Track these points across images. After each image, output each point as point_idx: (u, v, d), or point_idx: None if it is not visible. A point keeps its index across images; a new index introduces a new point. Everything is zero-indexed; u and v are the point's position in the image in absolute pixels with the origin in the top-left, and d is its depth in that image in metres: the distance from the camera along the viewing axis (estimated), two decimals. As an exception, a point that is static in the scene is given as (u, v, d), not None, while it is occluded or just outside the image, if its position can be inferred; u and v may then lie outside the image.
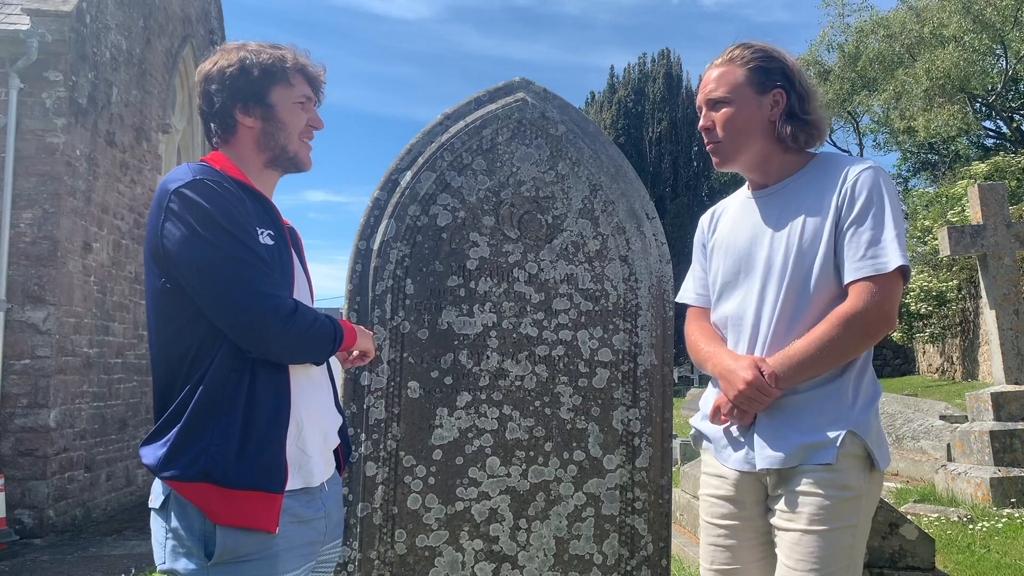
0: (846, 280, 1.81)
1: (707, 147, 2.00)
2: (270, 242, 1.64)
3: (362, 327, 1.90)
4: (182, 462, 1.54)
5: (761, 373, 1.81)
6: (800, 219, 1.88)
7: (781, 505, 1.82)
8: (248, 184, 1.70)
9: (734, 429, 1.91)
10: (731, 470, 1.92)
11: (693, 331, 2.09)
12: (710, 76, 1.99)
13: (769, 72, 1.93)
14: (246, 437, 1.56)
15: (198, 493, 1.53)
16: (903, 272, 1.80)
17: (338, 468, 1.89)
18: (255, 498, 1.55)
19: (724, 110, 1.94)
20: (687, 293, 2.18)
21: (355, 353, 1.84)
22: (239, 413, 1.56)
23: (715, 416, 1.93)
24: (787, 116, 1.92)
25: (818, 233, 1.85)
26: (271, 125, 1.75)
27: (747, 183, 2.08)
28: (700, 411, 2.06)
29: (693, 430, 2.11)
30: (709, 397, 2.02)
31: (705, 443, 2.03)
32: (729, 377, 1.86)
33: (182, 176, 1.62)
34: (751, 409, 1.84)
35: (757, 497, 1.89)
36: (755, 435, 1.86)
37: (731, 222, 2.05)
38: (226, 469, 1.53)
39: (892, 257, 1.77)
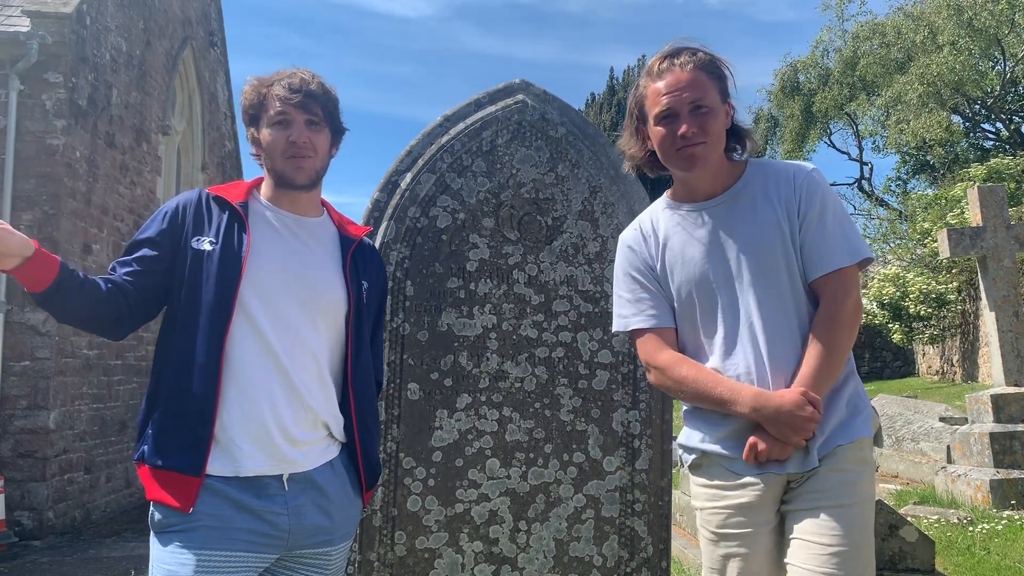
0: (819, 274, 1.89)
1: (685, 150, 1.92)
2: (206, 247, 1.84)
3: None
4: (136, 449, 1.83)
5: (811, 403, 1.82)
6: (764, 226, 1.93)
7: (807, 487, 1.85)
8: (227, 200, 1.90)
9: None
10: (757, 477, 1.88)
11: (676, 364, 1.95)
12: (681, 79, 1.92)
13: (726, 85, 1.99)
14: (170, 426, 1.77)
15: (141, 473, 1.81)
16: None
17: (361, 482, 1.96)
18: (172, 478, 1.75)
19: (709, 118, 1.93)
20: (635, 319, 2.01)
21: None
22: (167, 406, 1.78)
23: (752, 454, 1.86)
24: (734, 126, 1.99)
25: (783, 239, 1.92)
26: (262, 151, 1.94)
27: (669, 195, 2.04)
28: (697, 433, 1.98)
29: (691, 456, 2.01)
30: (693, 425, 1.99)
31: (716, 459, 1.95)
32: (787, 420, 1.81)
33: None
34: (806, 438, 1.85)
35: (776, 495, 1.89)
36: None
37: (682, 237, 2.00)
38: (152, 453, 1.77)
39: (860, 247, 1.92)
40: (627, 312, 2.04)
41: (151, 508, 1.81)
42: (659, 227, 2.05)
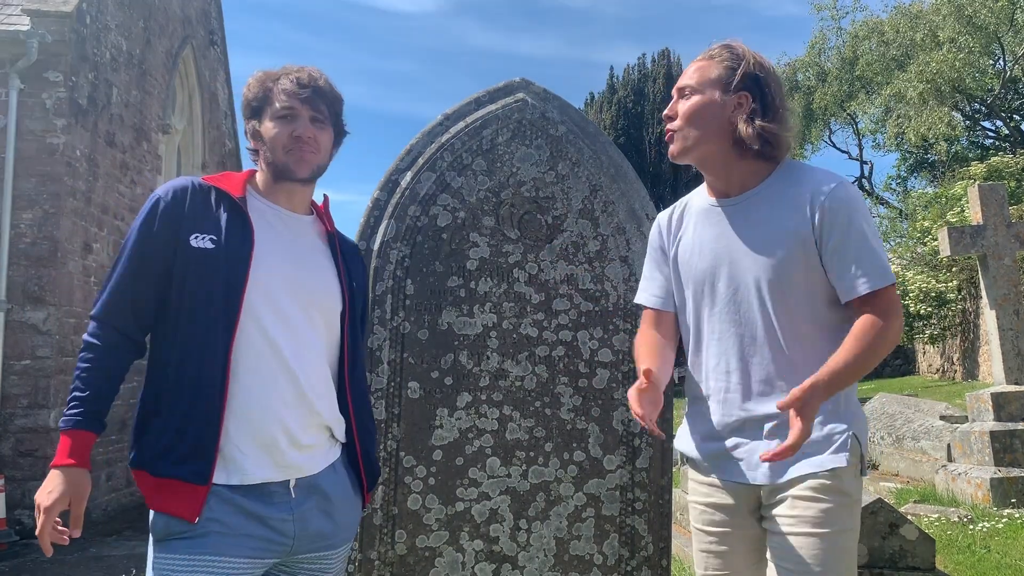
0: (854, 295, 1.81)
1: (666, 136, 1.97)
2: (209, 246, 1.77)
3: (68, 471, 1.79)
4: (136, 453, 1.79)
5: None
6: (773, 237, 1.86)
7: (781, 510, 1.81)
8: (228, 192, 1.84)
9: (743, 449, 1.89)
10: (725, 481, 1.91)
11: (638, 338, 2.07)
12: (688, 70, 1.97)
13: (742, 75, 1.90)
14: (173, 432, 1.73)
15: (140, 479, 1.77)
16: None
17: (361, 483, 1.94)
18: (177, 487, 1.71)
19: (689, 100, 1.92)
20: (644, 294, 2.11)
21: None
22: (169, 411, 1.74)
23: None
24: (749, 120, 1.88)
25: (795, 254, 1.83)
26: (262, 145, 1.91)
27: (707, 188, 2.03)
28: (685, 431, 2.02)
29: (677, 452, 2.09)
30: (691, 420, 2.01)
31: (690, 461, 2.01)
32: (633, 394, 1.84)
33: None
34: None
35: (752, 506, 1.89)
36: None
37: (694, 232, 2.00)
38: (153, 460, 1.75)
39: (888, 270, 1.83)
40: (642, 286, 2.14)
41: (152, 515, 1.76)
42: (685, 216, 2.06)
